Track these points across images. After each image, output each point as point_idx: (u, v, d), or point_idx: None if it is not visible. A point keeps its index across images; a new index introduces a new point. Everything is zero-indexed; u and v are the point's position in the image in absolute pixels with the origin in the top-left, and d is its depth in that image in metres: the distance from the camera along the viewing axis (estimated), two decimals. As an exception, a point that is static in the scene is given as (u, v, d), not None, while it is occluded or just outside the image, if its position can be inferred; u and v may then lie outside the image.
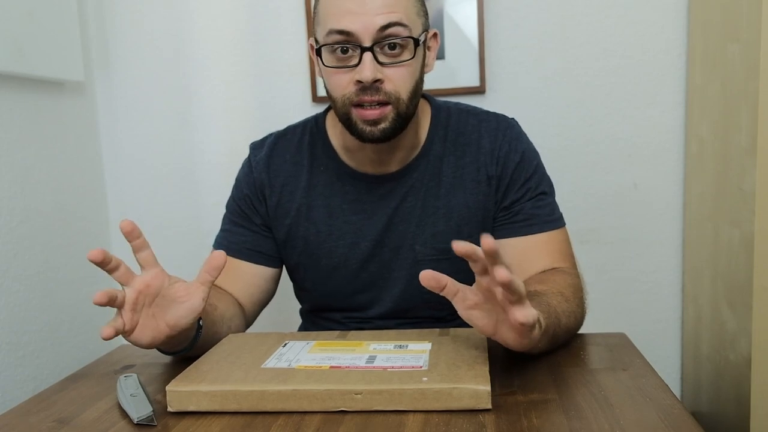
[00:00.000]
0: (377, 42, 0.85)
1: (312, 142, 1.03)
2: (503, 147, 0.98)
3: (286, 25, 1.52)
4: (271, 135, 1.07)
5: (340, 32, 0.85)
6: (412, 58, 0.87)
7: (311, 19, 1.48)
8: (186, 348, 0.84)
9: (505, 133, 0.99)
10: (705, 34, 1.32)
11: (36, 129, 1.36)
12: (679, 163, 1.46)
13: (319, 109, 1.22)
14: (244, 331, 1.02)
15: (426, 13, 0.92)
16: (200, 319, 0.83)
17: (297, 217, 1.01)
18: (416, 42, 0.87)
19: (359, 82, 0.86)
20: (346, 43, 0.85)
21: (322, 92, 1.51)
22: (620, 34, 1.44)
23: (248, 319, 1.04)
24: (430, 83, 1.45)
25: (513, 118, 1.03)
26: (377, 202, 0.98)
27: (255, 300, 1.04)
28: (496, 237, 0.98)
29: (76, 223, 1.49)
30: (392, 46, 0.86)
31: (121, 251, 1.64)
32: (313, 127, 1.04)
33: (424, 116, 1.01)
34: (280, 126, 1.09)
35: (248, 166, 1.05)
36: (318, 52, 0.88)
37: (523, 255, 0.96)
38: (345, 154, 1.00)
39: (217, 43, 1.55)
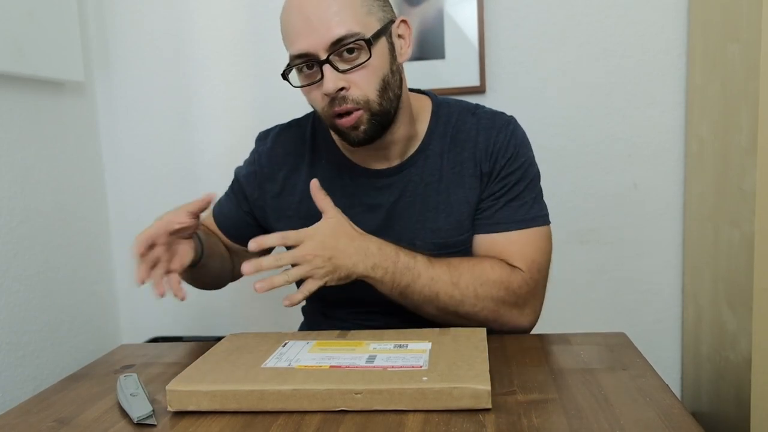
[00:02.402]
0: (332, 53, 0.87)
1: (314, 135, 1.05)
2: (497, 144, 0.98)
3: (286, 25, 1.51)
4: (276, 127, 1.10)
5: (298, 56, 0.88)
6: (369, 58, 0.88)
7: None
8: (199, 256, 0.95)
9: (500, 130, 0.99)
10: (705, 34, 1.32)
11: (36, 129, 1.36)
12: (679, 163, 1.46)
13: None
14: (230, 272, 1.11)
15: (384, 5, 0.92)
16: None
17: (298, 210, 1.02)
18: (368, 42, 0.88)
19: (325, 95, 0.88)
20: (306, 62, 0.88)
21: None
22: (620, 34, 1.44)
23: (235, 271, 1.12)
24: (430, 83, 1.46)
25: (512, 116, 1.03)
26: (376, 197, 0.99)
27: (237, 261, 1.11)
28: (474, 232, 0.99)
29: (76, 223, 1.49)
30: (350, 51, 0.87)
31: (120, 251, 1.64)
32: (316, 120, 1.06)
33: (424, 111, 1.01)
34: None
35: (252, 158, 1.09)
36: (284, 76, 0.92)
37: (484, 254, 0.97)
38: (346, 149, 1.01)
39: (217, 43, 1.55)
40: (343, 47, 0.86)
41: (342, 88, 0.88)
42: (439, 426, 0.65)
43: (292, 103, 1.54)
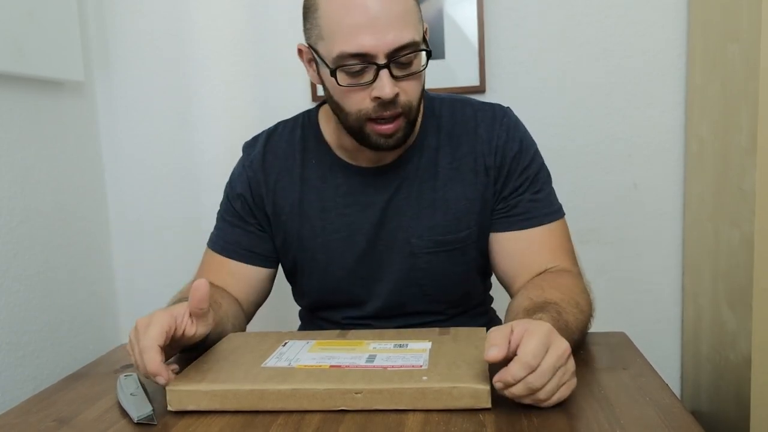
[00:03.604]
0: (392, 58, 0.84)
1: (304, 137, 1.03)
2: (501, 136, 0.97)
3: (286, 25, 1.52)
4: (262, 133, 1.07)
5: (354, 55, 0.83)
6: (424, 68, 0.88)
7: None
8: (193, 347, 0.84)
9: (501, 121, 0.98)
10: (705, 34, 1.32)
11: (36, 129, 1.35)
12: (679, 163, 1.46)
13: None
14: (243, 330, 1.02)
15: (420, 12, 0.90)
16: None
17: (291, 213, 1.01)
18: (429, 53, 0.87)
19: (377, 98, 0.85)
20: (361, 63, 0.84)
21: (321, 92, 1.50)
22: (620, 34, 1.44)
23: (247, 318, 1.04)
24: (430, 83, 1.45)
25: (508, 107, 1.02)
26: (371, 195, 0.98)
27: (252, 300, 1.04)
28: (495, 230, 0.98)
29: (76, 223, 1.49)
30: (406, 58, 0.85)
31: (120, 251, 1.64)
32: (306, 121, 1.04)
33: None
34: (280, 126, 1.09)
35: (242, 166, 1.05)
36: (333, 74, 0.86)
37: (524, 250, 0.96)
38: (339, 149, 1.00)
39: (217, 43, 1.55)
40: (402, 55, 0.84)
41: (396, 94, 0.85)
42: (439, 426, 0.65)
43: (292, 105, 1.54)
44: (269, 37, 1.53)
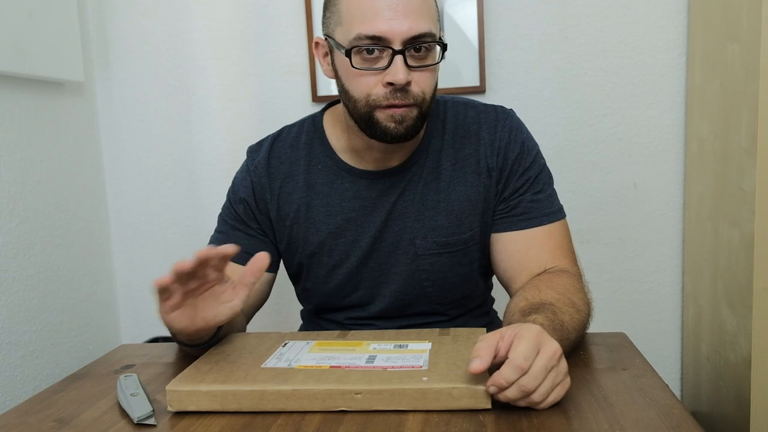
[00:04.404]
0: (407, 45, 0.85)
1: (309, 141, 1.03)
2: (503, 138, 0.98)
3: (286, 25, 1.52)
4: (267, 137, 1.07)
5: (371, 37, 0.85)
6: (438, 62, 0.89)
7: (311, 19, 1.48)
8: (201, 345, 0.84)
9: (504, 123, 0.99)
10: (705, 34, 1.32)
11: (36, 129, 1.36)
12: (679, 163, 1.46)
13: (319, 108, 1.22)
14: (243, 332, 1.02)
15: (438, 15, 0.92)
16: None
17: (296, 218, 1.01)
18: (444, 47, 0.88)
19: (389, 84, 0.86)
20: (376, 46, 0.85)
21: (321, 92, 1.51)
22: (620, 34, 1.44)
23: (245, 321, 1.04)
24: (430, 83, 1.46)
25: (511, 109, 1.03)
26: (376, 198, 0.98)
27: (251, 303, 1.04)
28: (496, 230, 0.99)
29: (76, 223, 1.49)
30: (418, 49, 0.86)
31: (120, 251, 1.64)
32: (310, 126, 1.04)
33: None
34: (280, 126, 1.09)
35: (246, 171, 1.04)
36: (348, 54, 0.87)
37: (523, 250, 0.96)
38: (345, 153, 1.00)
39: (217, 43, 1.55)
40: (420, 44, 0.85)
41: (408, 82, 0.86)
42: (439, 426, 0.65)
43: (293, 105, 1.54)
44: (269, 37, 1.53)
